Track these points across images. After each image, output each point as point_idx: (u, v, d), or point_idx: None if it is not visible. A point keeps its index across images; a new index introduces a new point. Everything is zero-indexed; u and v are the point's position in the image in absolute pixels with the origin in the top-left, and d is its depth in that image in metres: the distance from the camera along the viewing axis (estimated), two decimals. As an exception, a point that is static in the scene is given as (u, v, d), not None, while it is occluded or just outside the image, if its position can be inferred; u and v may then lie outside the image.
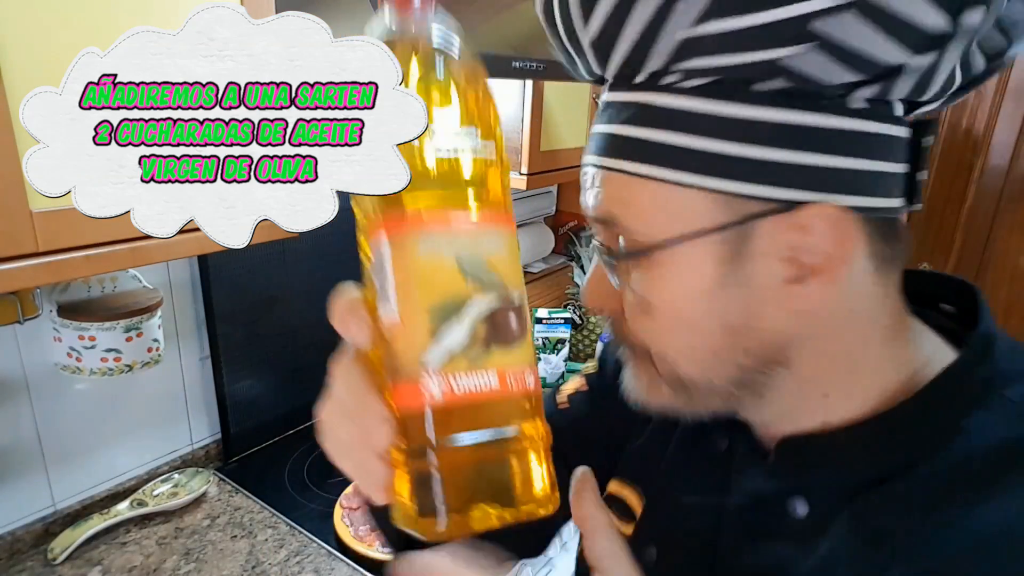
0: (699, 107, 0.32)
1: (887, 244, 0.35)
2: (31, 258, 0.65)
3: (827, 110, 0.31)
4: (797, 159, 0.31)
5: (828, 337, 0.36)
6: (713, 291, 0.34)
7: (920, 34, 0.29)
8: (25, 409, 1.00)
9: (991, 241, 2.10)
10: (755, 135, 0.31)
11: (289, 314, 1.35)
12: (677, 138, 0.32)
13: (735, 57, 0.30)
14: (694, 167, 0.32)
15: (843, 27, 0.28)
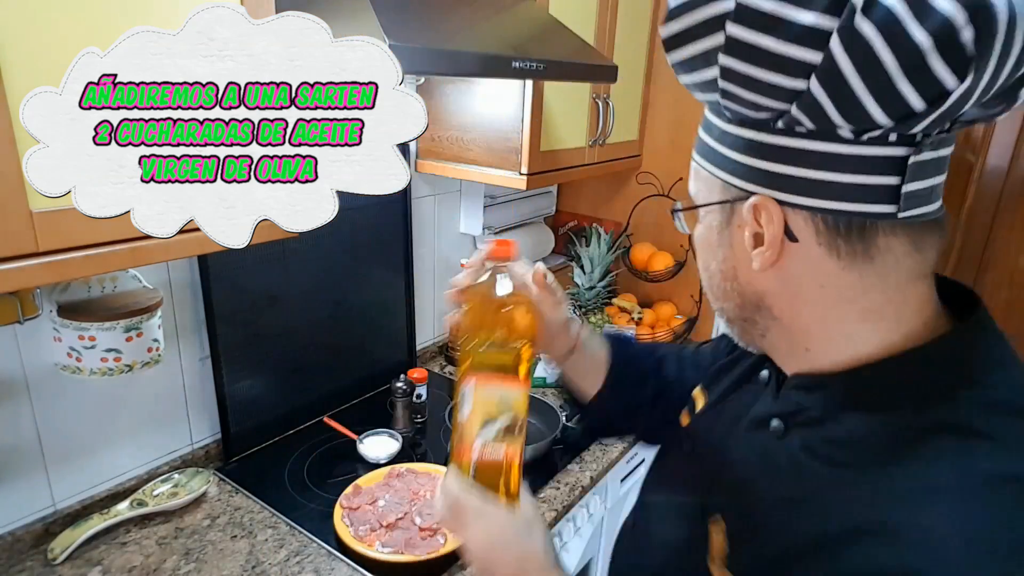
0: (713, 120, 0.50)
1: (852, 238, 0.44)
2: (31, 258, 0.65)
3: (772, 133, 0.45)
4: (750, 162, 0.46)
5: (803, 304, 0.48)
6: (714, 244, 0.52)
7: (903, 106, 0.39)
8: (25, 409, 1.00)
9: (991, 241, 2.10)
10: (732, 143, 0.47)
11: (289, 314, 1.35)
12: (712, 143, 0.50)
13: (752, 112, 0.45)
14: (710, 160, 0.50)
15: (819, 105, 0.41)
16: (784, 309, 0.49)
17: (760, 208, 0.46)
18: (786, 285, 0.48)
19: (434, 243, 1.73)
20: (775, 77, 0.40)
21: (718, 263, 0.52)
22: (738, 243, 0.49)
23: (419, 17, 0.96)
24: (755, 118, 0.45)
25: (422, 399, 1.48)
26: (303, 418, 1.43)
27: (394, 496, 1.13)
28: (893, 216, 0.44)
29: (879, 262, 0.45)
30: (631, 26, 1.73)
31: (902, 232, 0.46)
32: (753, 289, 0.50)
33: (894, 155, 0.43)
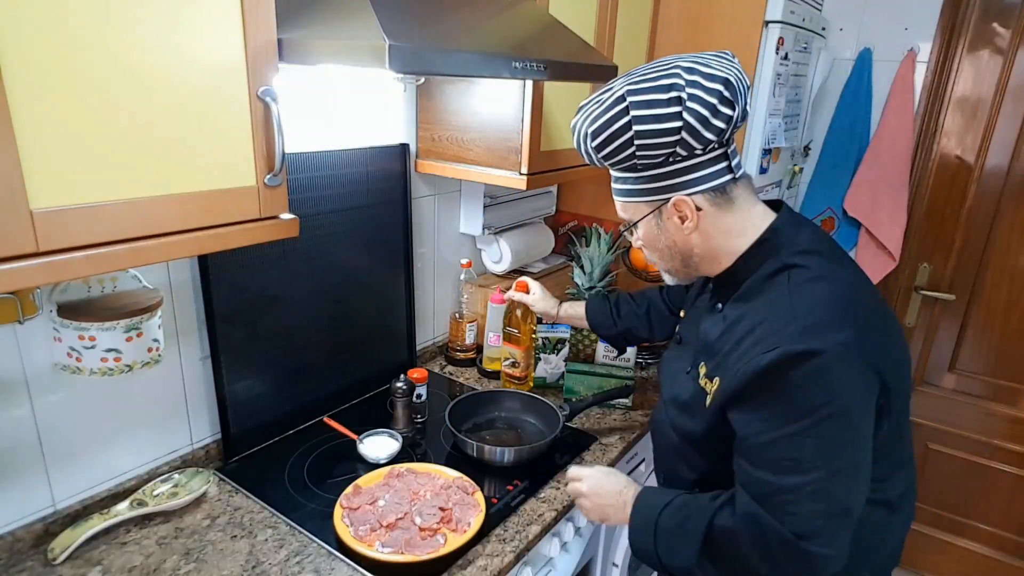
0: (628, 175, 0.92)
1: (723, 197, 0.89)
2: (31, 258, 0.65)
3: (666, 165, 0.88)
4: (660, 184, 0.89)
5: (712, 241, 0.91)
6: (658, 236, 0.94)
7: (718, 130, 0.84)
8: (25, 409, 1.00)
9: (991, 241, 2.10)
10: (645, 180, 0.90)
11: (289, 314, 1.35)
12: (630, 186, 0.93)
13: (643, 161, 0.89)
14: (635, 196, 0.93)
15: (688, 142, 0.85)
16: (704, 249, 0.92)
17: (678, 204, 0.89)
18: (702, 236, 0.91)
19: (434, 243, 1.73)
20: (665, 139, 0.83)
21: (664, 243, 0.94)
22: (671, 227, 0.91)
23: (419, 17, 0.96)
24: (657, 162, 0.87)
25: (422, 399, 1.48)
26: (303, 418, 1.43)
27: (394, 496, 1.13)
28: (734, 179, 0.89)
29: (736, 203, 0.90)
30: (631, 26, 1.73)
31: (740, 184, 0.90)
32: (687, 247, 0.93)
33: (721, 152, 0.88)
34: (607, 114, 0.84)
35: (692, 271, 0.96)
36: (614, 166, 0.90)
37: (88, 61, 0.66)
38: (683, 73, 0.81)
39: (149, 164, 0.73)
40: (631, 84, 0.84)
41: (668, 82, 0.81)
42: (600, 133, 0.86)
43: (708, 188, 0.87)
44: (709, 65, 0.82)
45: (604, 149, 0.87)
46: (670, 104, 0.81)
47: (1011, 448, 2.19)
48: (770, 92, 1.75)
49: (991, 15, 1.96)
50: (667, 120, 0.81)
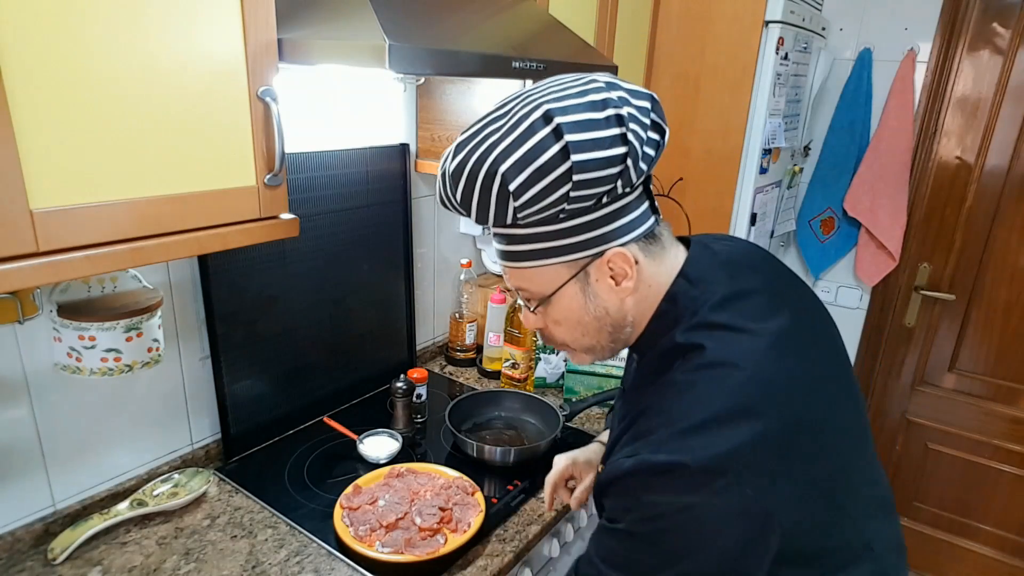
0: (540, 230, 0.67)
1: (652, 243, 0.69)
2: (31, 258, 0.65)
3: (598, 208, 0.66)
4: (591, 235, 0.66)
5: (644, 300, 0.71)
6: (584, 305, 0.71)
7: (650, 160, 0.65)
8: (25, 409, 1.00)
9: (991, 241, 2.10)
10: (569, 233, 0.66)
11: (289, 314, 1.35)
12: (540, 245, 0.68)
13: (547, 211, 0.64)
14: (552, 255, 0.68)
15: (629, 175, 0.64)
16: (637, 313, 0.71)
17: (613, 258, 0.67)
18: (639, 295, 0.70)
19: (434, 243, 1.73)
20: (607, 171, 0.62)
21: (591, 316, 0.71)
22: (603, 290, 0.69)
23: (419, 17, 0.96)
24: (590, 205, 0.65)
25: (422, 399, 1.48)
26: (303, 418, 1.43)
27: (394, 496, 1.13)
28: (658, 220, 0.71)
29: (665, 248, 0.71)
30: (631, 26, 1.73)
31: (663, 225, 0.72)
32: (622, 314, 0.71)
33: (642, 188, 0.69)
34: (527, 142, 0.61)
35: (619, 346, 0.75)
36: (522, 219, 0.65)
37: (88, 61, 0.66)
38: (605, 88, 0.63)
39: (149, 164, 0.73)
40: (549, 99, 0.62)
41: (600, 97, 0.62)
42: (521, 169, 0.61)
43: (642, 233, 0.68)
44: (620, 80, 0.67)
45: (526, 192, 0.62)
46: (609, 124, 0.61)
47: (1011, 448, 2.19)
48: (770, 92, 1.75)
49: (991, 15, 1.96)
50: (610, 146, 0.61)
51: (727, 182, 1.85)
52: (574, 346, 0.75)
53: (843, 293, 2.35)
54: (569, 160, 0.60)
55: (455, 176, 0.65)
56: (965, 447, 2.26)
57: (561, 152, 0.60)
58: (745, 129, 1.79)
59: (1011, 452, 2.19)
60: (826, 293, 2.38)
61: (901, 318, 2.29)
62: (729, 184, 1.85)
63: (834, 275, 2.37)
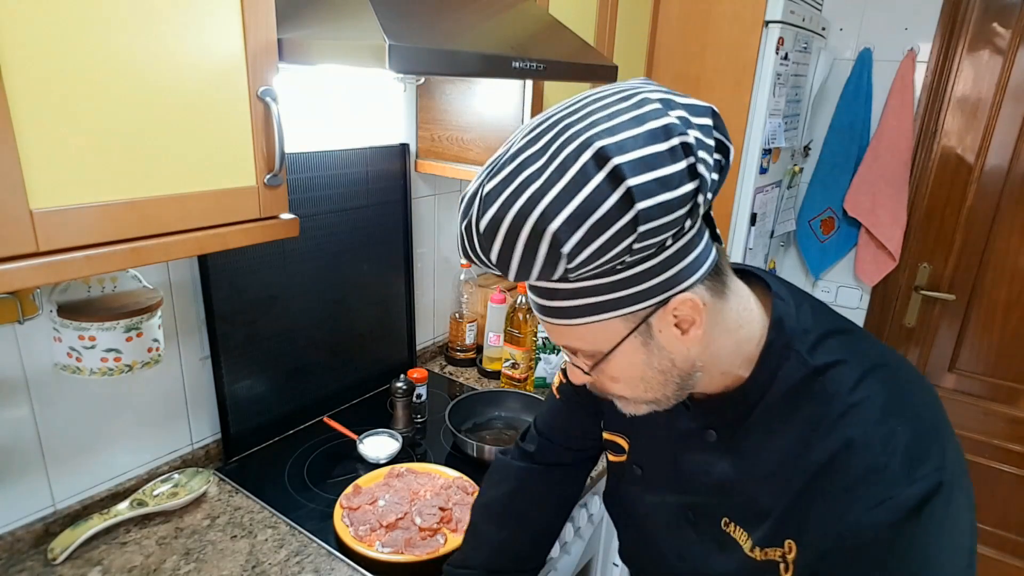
0: (594, 283, 0.55)
1: (718, 280, 0.59)
2: (31, 258, 0.65)
3: (662, 252, 0.55)
4: (654, 283, 0.55)
5: (717, 346, 0.62)
6: (647, 360, 0.60)
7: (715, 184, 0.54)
8: (25, 409, 1.00)
9: (991, 241, 2.10)
10: (628, 284, 0.55)
11: (289, 314, 1.35)
12: (594, 299, 0.56)
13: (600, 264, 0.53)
14: (606, 311, 0.57)
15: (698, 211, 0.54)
16: (708, 360, 0.62)
17: (680, 305, 0.57)
18: (705, 342, 0.60)
19: (434, 243, 1.73)
20: (678, 213, 0.51)
21: (655, 371, 0.61)
22: (668, 341, 0.59)
23: (419, 17, 0.96)
24: (649, 253, 0.54)
25: (422, 399, 1.48)
26: (303, 418, 1.43)
27: (394, 496, 1.13)
28: (720, 249, 0.60)
29: (729, 284, 0.61)
30: (631, 26, 1.73)
31: (722, 258, 0.60)
32: (689, 364, 0.61)
33: (700, 225, 0.57)
34: (582, 192, 0.49)
35: (684, 394, 0.65)
36: (573, 276, 0.54)
37: (88, 61, 0.66)
38: (666, 108, 0.52)
39: (149, 164, 0.73)
40: (601, 130, 0.50)
41: (661, 124, 0.50)
42: (575, 228, 0.50)
43: (707, 270, 0.57)
44: (675, 93, 0.55)
45: (581, 253, 0.51)
46: (676, 158, 0.50)
47: (1011, 448, 2.18)
48: (770, 92, 1.75)
49: (991, 15, 1.96)
50: (679, 184, 0.50)
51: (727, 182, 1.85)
52: (634, 400, 0.65)
53: (843, 293, 2.35)
54: (633, 209, 0.49)
55: (488, 234, 0.53)
56: (965, 447, 2.23)
57: (623, 200, 0.49)
58: (745, 129, 1.79)
59: (1011, 452, 2.19)
60: (826, 293, 2.38)
61: (901, 318, 2.29)
62: (729, 184, 1.85)
63: (834, 275, 2.37)
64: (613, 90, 0.54)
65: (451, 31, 1.00)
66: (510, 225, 0.51)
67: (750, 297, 0.64)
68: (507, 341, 1.61)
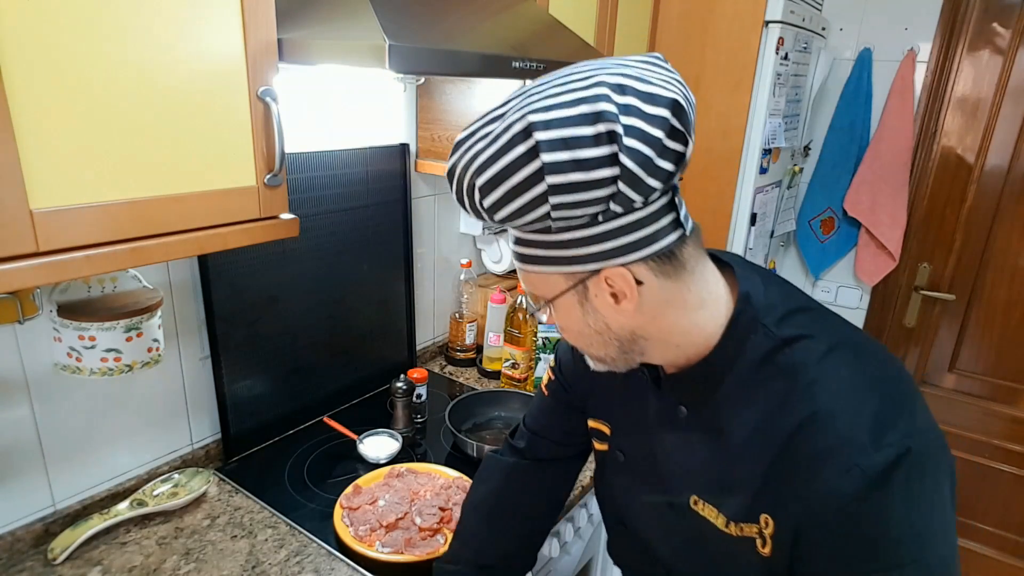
0: (537, 237, 0.62)
1: (671, 263, 0.62)
2: (31, 258, 0.65)
3: (594, 226, 0.59)
4: (587, 251, 0.60)
5: (662, 319, 0.64)
6: (583, 318, 0.66)
7: (665, 174, 0.56)
8: (25, 409, 1.00)
9: (991, 241, 2.10)
10: (565, 246, 0.61)
11: (289, 314, 1.35)
12: (539, 252, 0.63)
13: (573, 217, 0.58)
14: (549, 264, 0.63)
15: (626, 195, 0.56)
16: (651, 329, 0.65)
17: (610, 276, 0.61)
18: (646, 314, 0.64)
19: (434, 243, 1.73)
20: (593, 193, 0.55)
21: (592, 327, 0.66)
22: (602, 306, 0.64)
23: (419, 17, 0.96)
24: (580, 223, 0.59)
25: (422, 399, 1.48)
26: (303, 418, 1.43)
27: (394, 496, 1.13)
28: (684, 236, 0.62)
29: (688, 266, 0.63)
30: (631, 26, 1.73)
31: (689, 242, 0.62)
32: (627, 330, 0.66)
33: (666, 201, 0.60)
34: (504, 157, 0.55)
35: (634, 359, 0.69)
36: (518, 228, 0.62)
37: (88, 61, 0.66)
38: (612, 94, 0.54)
39: (149, 164, 0.73)
40: (536, 109, 0.55)
41: (592, 109, 0.53)
42: (495, 187, 0.57)
43: (651, 253, 0.60)
44: (644, 79, 0.55)
45: (502, 208, 0.58)
46: (599, 143, 0.53)
47: (1011, 448, 2.19)
48: (770, 92, 1.75)
49: (991, 15, 1.96)
50: (596, 167, 0.54)
51: (727, 182, 1.85)
52: (587, 355, 0.72)
53: (843, 293, 2.35)
54: (544, 183, 0.54)
55: (448, 177, 0.63)
56: (965, 447, 2.26)
57: (536, 173, 0.54)
58: (745, 129, 1.79)
59: (1011, 452, 2.19)
60: (826, 293, 2.38)
61: (901, 318, 2.29)
62: (729, 184, 1.85)
63: (834, 275, 2.37)
64: (578, 70, 0.58)
65: (451, 31, 1.00)
66: (457, 176, 0.60)
67: (719, 281, 0.67)
68: (507, 341, 1.61)
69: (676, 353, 0.68)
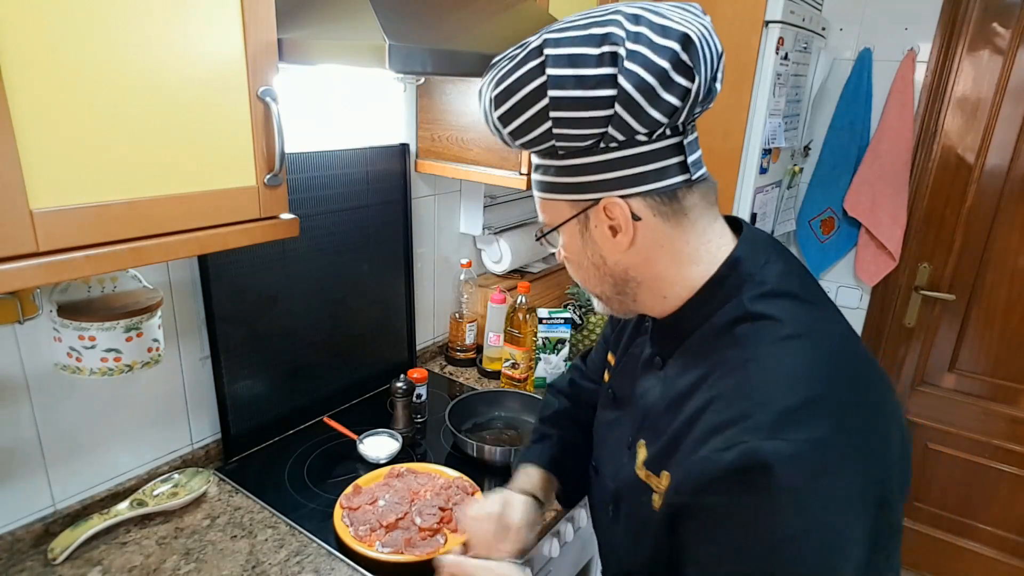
0: (548, 162, 0.66)
1: (671, 205, 0.63)
2: (31, 258, 0.65)
3: (596, 153, 0.62)
4: (588, 179, 0.63)
5: (654, 263, 0.66)
6: (581, 247, 0.69)
7: (669, 107, 0.58)
8: (25, 409, 1.00)
9: (991, 241, 2.10)
10: (569, 172, 0.64)
11: (289, 314, 1.35)
12: (549, 178, 0.67)
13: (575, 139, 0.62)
14: (555, 191, 0.67)
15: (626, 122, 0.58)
16: (643, 272, 0.67)
17: (609, 207, 0.64)
18: (640, 254, 0.66)
19: (434, 243, 1.73)
20: (592, 113, 0.58)
21: (589, 259, 0.69)
22: (600, 238, 0.66)
23: (419, 17, 0.96)
24: (583, 146, 0.62)
25: (422, 399, 1.48)
26: (303, 418, 1.43)
27: (394, 496, 1.13)
28: (689, 181, 0.64)
29: (690, 215, 0.65)
30: (631, 26, 1.73)
31: (696, 190, 0.65)
32: (621, 267, 0.68)
33: (675, 142, 0.62)
34: (516, 73, 0.60)
35: (629, 303, 0.71)
36: (528, 147, 0.65)
37: (88, 61, 0.66)
38: (624, 21, 0.57)
39: (149, 164, 0.73)
40: (554, 28, 0.60)
41: (601, 31, 0.57)
42: (505, 99, 0.61)
43: (651, 190, 0.62)
44: (663, 14, 0.58)
45: (511, 122, 0.62)
46: (601, 63, 0.56)
47: (1011, 448, 2.18)
48: (770, 92, 1.75)
49: (991, 15, 1.96)
50: (596, 86, 0.57)
51: (727, 182, 1.85)
52: (585, 288, 0.75)
53: (843, 293, 2.35)
54: (547, 96, 0.58)
55: (478, 96, 0.66)
56: (965, 447, 2.26)
57: (540, 87, 0.58)
58: (745, 129, 1.79)
59: (1011, 452, 2.19)
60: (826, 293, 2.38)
61: (901, 318, 2.29)
62: (729, 184, 1.85)
63: (834, 275, 2.37)
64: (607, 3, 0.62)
65: (451, 31, 1.00)
66: (481, 91, 0.65)
67: (723, 243, 0.67)
68: (507, 341, 1.61)
69: (664, 305, 0.69)
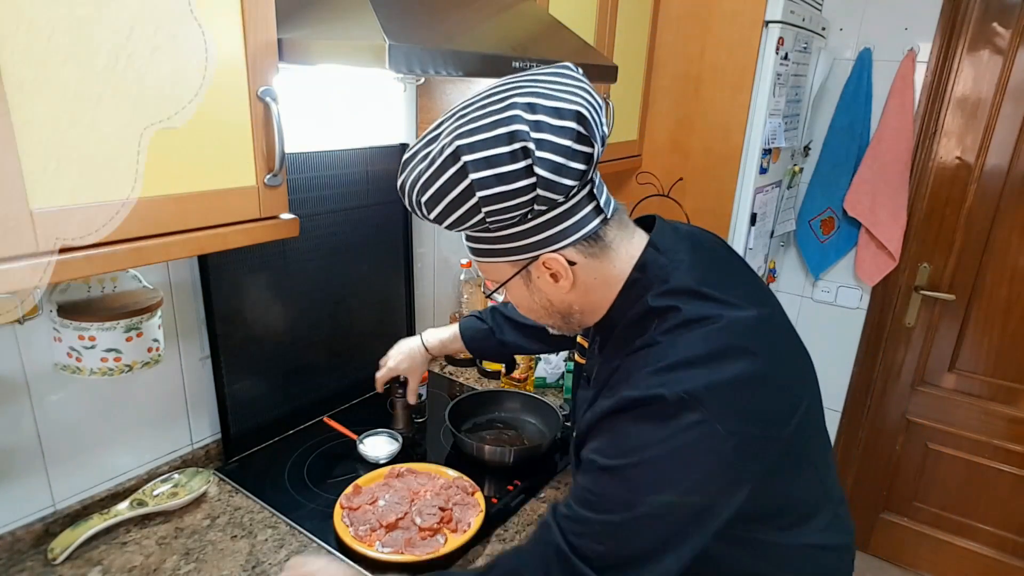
0: (480, 234, 0.75)
1: (597, 244, 0.74)
2: (31, 258, 0.65)
3: (524, 222, 0.72)
4: (523, 243, 0.73)
5: (593, 293, 0.78)
6: (530, 296, 0.80)
7: (578, 173, 0.68)
8: (25, 409, 1.00)
9: (991, 241, 2.10)
10: (505, 240, 0.74)
11: (289, 314, 1.35)
12: (485, 246, 0.76)
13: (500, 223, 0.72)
14: (496, 255, 0.76)
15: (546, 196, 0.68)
16: (585, 303, 0.79)
17: (547, 262, 0.74)
18: (580, 289, 0.77)
19: (434, 243, 1.73)
20: (517, 199, 0.67)
21: (538, 303, 0.80)
22: (544, 286, 0.77)
23: (419, 17, 0.96)
24: (513, 220, 0.71)
25: (422, 399, 1.48)
26: (303, 418, 1.43)
27: (394, 496, 1.13)
28: (606, 220, 0.74)
29: (612, 245, 0.76)
30: (631, 26, 1.73)
31: (612, 223, 0.75)
32: (566, 304, 0.79)
33: (586, 192, 0.73)
34: (441, 178, 0.68)
35: (575, 325, 0.83)
36: (464, 230, 0.74)
37: (88, 60, 0.66)
38: (523, 114, 0.65)
39: (149, 164, 0.73)
40: (462, 134, 0.67)
41: (507, 130, 0.65)
42: (437, 203, 0.69)
43: (578, 239, 0.73)
44: (552, 95, 0.67)
45: (447, 218, 0.70)
46: (515, 159, 0.65)
47: (1011, 448, 2.19)
48: (770, 92, 1.75)
49: (991, 15, 1.96)
50: (516, 179, 0.66)
51: (727, 182, 1.85)
52: (536, 321, 0.86)
53: (843, 293, 2.35)
54: (475, 196, 0.67)
55: (399, 191, 0.75)
56: (965, 447, 2.26)
57: (467, 189, 0.67)
58: (745, 129, 1.79)
59: (1011, 452, 2.19)
60: (826, 293, 2.38)
61: (901, 318, 2.29)
62: (729, 184, 1.85)
63: (834, 275, 2.37)
64: (496, 93, 0.69)
65: (451, 31, 1.00)
66: (406, 191, 0.73)
67: (634, 252, 0.77)
68: (507, 341, 1.61)
69: (600, 314, 0.80)
